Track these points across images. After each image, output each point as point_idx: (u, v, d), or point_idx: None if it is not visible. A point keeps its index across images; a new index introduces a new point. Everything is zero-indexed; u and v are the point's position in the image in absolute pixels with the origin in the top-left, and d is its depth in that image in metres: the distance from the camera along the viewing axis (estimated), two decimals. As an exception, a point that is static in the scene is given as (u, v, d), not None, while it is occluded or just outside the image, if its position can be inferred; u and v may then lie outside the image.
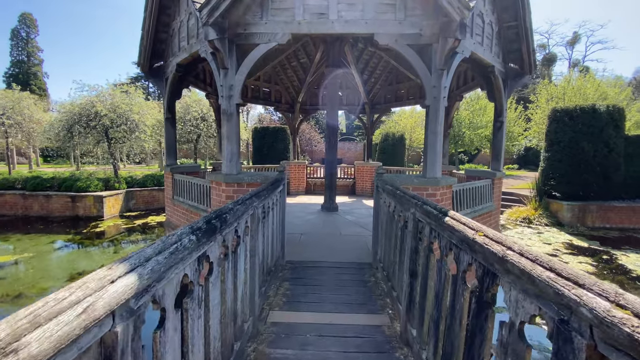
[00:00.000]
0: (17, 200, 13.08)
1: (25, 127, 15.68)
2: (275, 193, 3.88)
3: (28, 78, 43.11)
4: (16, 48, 44.25)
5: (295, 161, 11.90)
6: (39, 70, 45.55)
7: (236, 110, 4.79)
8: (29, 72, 44.08)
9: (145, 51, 6.90)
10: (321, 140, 29.90)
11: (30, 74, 44.00)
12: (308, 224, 7.02)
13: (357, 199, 10.75)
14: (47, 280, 7.09)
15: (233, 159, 4.80)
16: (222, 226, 1.84)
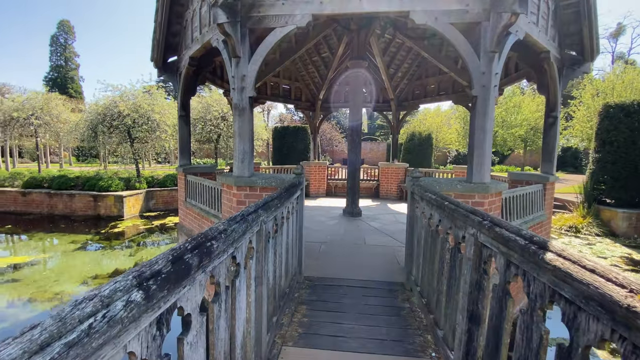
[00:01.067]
0: (43, 198, 13.31)
1: (53, 126, 16.05)
2: (291, 200, 3.27)
3: (66, 82, 45.38)
4: (55, 54, 46.70)
5: (315, 162, 11.29)
6: (76, 74, 47.83)
7: (249, 105, 4.23)
8: (66, 77, 46.36)
9: (158, 45, 6.53)
10: (342, 140, 29.19)
11: (68, 78, 46.28)
12: (329, 231, 6.37)
13: (382, 202, 9.99)
14: (60, 284, 6.87)
15: (245, 160, 4.25)
16: (203, 261, 1.23)
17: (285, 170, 11.47)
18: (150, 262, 1.00)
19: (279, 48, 8.92)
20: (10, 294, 6.26)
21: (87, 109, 14.96)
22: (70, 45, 47.80)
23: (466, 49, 3.85)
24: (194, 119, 16.50)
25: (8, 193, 13.49)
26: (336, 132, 28.41)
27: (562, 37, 5.69)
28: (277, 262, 2.75)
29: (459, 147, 23.70)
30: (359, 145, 7.58)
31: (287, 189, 3.05)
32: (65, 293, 6.51)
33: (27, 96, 16.15)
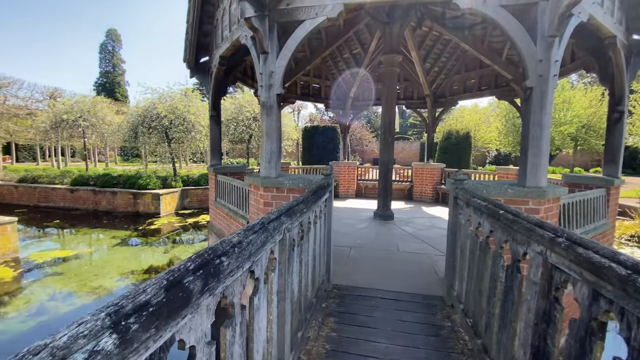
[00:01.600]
0: (88, 195, 14.21)
1: (99, 128, 17.12)
2: (319, 203, 3.02)
3: (113, 87, 48.73)
4: (104, 60, 50.26)
5: (345, 162, 10.99)
6: (122, 79, 51.22)
7: (277, 103, 4.04)
8: (114, 82, 49.76)
9: (190, 45, 6.58)
10: (373, 139, 28.58)
11: (115, 83, 49.66)
12: (359, 235, 6.06)
13: (415, 205, 9.47)
14: (99, 279, 7.16)
15: (272, 160, 4.07)
16: (209, 284, 1.01)
17: (314, 171, 11.28)
18: (136, 290, 0.79)
19: (309, 45, 8.75)
20: (53, 287, 6.61)
21: (129, 111, 15.79)
22: (117, 52, 51.21)
23: (520, 34, 3.38)
24: (227, 120, 16.86)
25: (58, 190, 14.56)
26: (366, 132, 27.85)
27: (629, 20, 4.95)
28: (302, 271, 2.52)
29: (500, 146, 22.23)
30: (392, 145, 7.18)
31: (314, 192, 2.80)
32: (103, 287, 6.76)
33: (76, 99, 17.38)
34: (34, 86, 20.11)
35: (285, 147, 18.00)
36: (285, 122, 17.69)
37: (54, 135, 17.16)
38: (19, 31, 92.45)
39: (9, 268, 7.18)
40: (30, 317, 5.59)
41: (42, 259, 8.02)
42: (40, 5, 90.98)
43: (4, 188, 15.57)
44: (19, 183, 15.56)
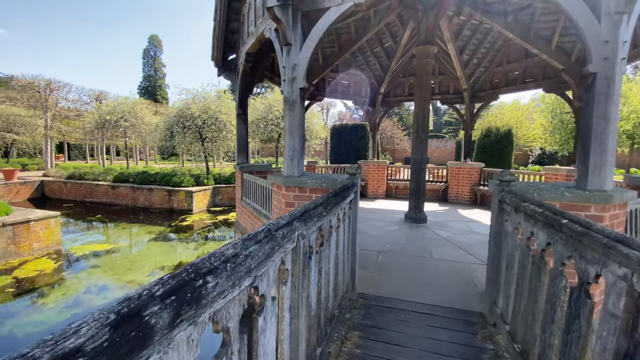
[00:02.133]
0: (128, 192, 14.97)
1: (138, 128, 18.02)
2: (342, 205, 2.75)
3: (155, 90, 51.55)
4: (147, 65, 53.31)
5: (374, 160, 10.59)
6: (163, 82, 54.04)
7: (300, 97, 3.82)
8: (155, 85, 52.63)
9: (217, 43, 6.57)
10: (404, 137, 27.64)
11: (157, 86, 52.51)
12: (388, 238, 5.70)
13: (450, 207, 8.87)
14: (132, 273, 7.40)
15: (295, 158, 3.86)
16: (184, 314, 0.79)
17: (341, 170, 10.99)
18: (64, 330, 0.58)
19: (338, 40, 8.47)
20: (89, 280, 6.91)
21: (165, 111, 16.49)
22: (158, 57, 54.08)
23: (580, 10, 2.88)
24: (257, 119, 17.04)
25: (101, 186, 15.49)
26: (397, 129, 26.98)
27: None
28: (322, 281, 2.27)
29: (545, 144, 20.51)
30: (425, 143, 6.72)
31: (337, 193, 2.54)
32: (135, 282, 6.96)
33: (118, 101, 18.44)
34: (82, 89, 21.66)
35: (313, 145, 17.85)
36: (313, 121, 17.55)
37: (99, 134, 18.34)
38: (75, 39, 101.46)
39: (51, 260, 7.65)
40: (66, 308, 5.85)
41: (82, 252, 8.47)
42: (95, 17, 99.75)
43: (55, 184, 16.86)
44: (68, 180, 16.77)
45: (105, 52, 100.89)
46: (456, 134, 44.16)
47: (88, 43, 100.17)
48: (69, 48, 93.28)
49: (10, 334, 4.93)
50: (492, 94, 9.37)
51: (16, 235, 7.50)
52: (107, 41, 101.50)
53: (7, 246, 7.36)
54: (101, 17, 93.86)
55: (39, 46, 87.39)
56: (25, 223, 7.65)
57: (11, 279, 6.63)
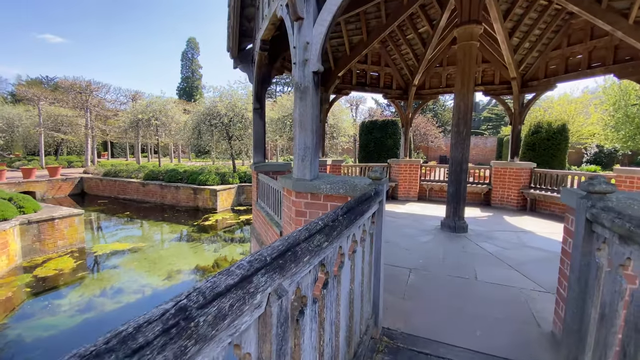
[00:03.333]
0: (157, 189, 15.17)
1: (168, 126, 18.32)
2: (361, 223, 2.03)
3: (192, 90, 53.50)
4: (185, 67, 55.53)
5: (406, 159, 9.65)
6: (199, 83, 55.95)
7: (313, 83, 3.13)
8: (192, 86, 54.63)
9: (232, 32, 6.06)
10: (439, 134, 26.00)
11: (194, 87, 54.48)
12: (422, 251, 4.86)
13: (495, 213, 7.75)
14: (148, 276, 7.16)
15: (307, 157, 3.18)
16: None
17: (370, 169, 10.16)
18: None
19: (366, 25, 7.66)
20: (106, 282, 6.74)
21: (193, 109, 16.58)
22: (195, 59, 56.06)
23: None
24: (284, 116, 16.61)
25: (132, 184, 15.86)
26: (432, 126, 25.41)
27: None
28: (326, 338, 1.57)
29: (605, 141, 18.13)
30: (467, 139, 5.76)
31: (351, 208, 1.83)
32: (149, 287, 6.69)
33: (150, 100, 18.88)
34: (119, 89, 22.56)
35: (340, 143, 17.12)
36: (342, 117, 16.79)
37: (133, 133, 18.90)
38: (122, 42, 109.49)
39: (72, 259, 7.63)
40: (79, 312, 5.64)
41: (103, 251, 8.44)
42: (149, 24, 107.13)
43: (92, 181, 17.59)
44: (104, 177, 17.41)
45: (151, 56, 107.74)
46: (496, 130, 41.20)
47: (134, 46, 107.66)
48: (121, 52, 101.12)
49: (18, 339, 4.76)
50: (547, 83, 8.07)
51: (41, 232, 7.57)
52: (151, 45, 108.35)
53: (32, 243, 7.43)
54: (148, 23, 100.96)
55: (94, 53, 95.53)
56: (50, 221, 7.70)
57: (31, 277, 6.62)
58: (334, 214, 1.62)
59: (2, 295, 5.77)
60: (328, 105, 9.04)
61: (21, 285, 6.25)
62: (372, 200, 2.33)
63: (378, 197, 2.49)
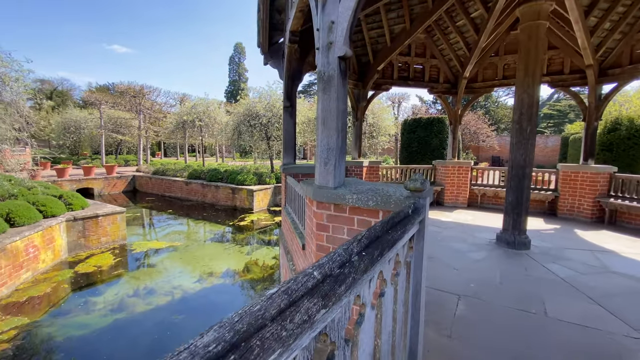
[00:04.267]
0: (198, 188, 15.62)
1: (211, 127, 18.88)
2: (391, 255, 1.46)
3: (238, 93, 55.76)
4: (232, 71, 58.05)
5: (454, 161, 8.66)
6: (245, 86, 58.04)
7: (339, 71, 2.58)
8: (239, 88, 56.90)
9: (263, 25, 5.71)
10: (492, 133, 23.80)
11: (240, 90, 56.75)
12: (473, 272, 4.07)
13: (563, 225, 6.55)
14: (181, 277, 7.13)
15: (330, 161, 2.65)
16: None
17: (411, 172, 9.31)
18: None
19: (409, 12, 6.91)
20: (139, 282, 6.80)
21: (233, 111, 16.87)
22: (242, 62, 58.28)
23: None
24: (321, 115, 16.19)
25: (177, 182, 16.53)
26: (484, 124, 23.34)
27: None
28: None
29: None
30: (532, 138, 4.81)
31: (373, 240, 1.27)
32: (180, 288, 6.63)
33: (194, 102, 19.60)
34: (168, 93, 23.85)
35: (380, 143, 16.26)
36: (382, 116, 15.94)
37: (179, 134, 19.80)
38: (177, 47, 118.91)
39: (112, 255, 7.89)
40: (111, 312, 5.69)
41: (141, 248, 8.66)
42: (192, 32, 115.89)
43: (142, 179, 18.70)
44: (153, 175, 18.41)
45: (204, 61, 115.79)
46: (558, 129, 37.06)
47: (189, 52, 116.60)
48: (177, 58, 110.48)
49: (48, 337, 4.84)
50: (633, 70, 6.66)
51: (86, 229, 7.94)
52: (204, 50, 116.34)
53: (77, 239, 7.82)
54: (203, 30, 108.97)
55: (154, 60, 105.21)
56: (94, 218, 8.06)
57: (72, 273, 6.91)
58: (346, 252, 1.07)
59: (42, 290, 6.04)
60: (366, 103, 8.41)
61: (62, 281, 6.53)
62: (410, 220, 1.74)
63: (418, 216, 1.88)
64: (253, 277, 7.17)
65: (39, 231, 6.60)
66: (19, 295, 5.75)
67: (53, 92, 43.97)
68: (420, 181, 1.99)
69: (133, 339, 4.87)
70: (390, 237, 1.41)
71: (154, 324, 5.28)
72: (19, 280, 6.07)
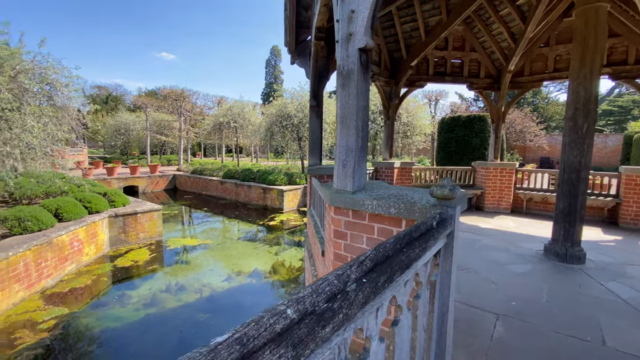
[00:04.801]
0: (232, 187, 16.04)
1: (245, 129, 19.35)
2: (408, 276, 1.23)
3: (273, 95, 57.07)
4: (268, 73, 59.57)
5: (496, 162, 7.99)
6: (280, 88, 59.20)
7: (360, 64, 2.36)
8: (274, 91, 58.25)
9: (289, 23, 5.60)
10: (540, 132, 21.93)
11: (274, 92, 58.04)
12: (514, 288, 3.63)
13: (627, 237, 5.72)
14: (211, 275, 7.27)
15: (349, 163, 2.43)
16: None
17: (449, 173, 8.74)
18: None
19: (446, 3, 6.46)
20: (171, 278, 7.03)
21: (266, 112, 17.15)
22: (278, 65, 59.45)
23: None
24: (353, 115, 15.89)
25: (213, 181, 17.13)
26: (531, 122, 21.57)
27: None
28: None
29: None
30: (589, 138, 4.21)
31: (380, 263, 1.05)
32: (209, 286, 6.75)
33: (230, 105, 20.19)
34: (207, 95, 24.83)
35: (415, 143, 15.59)
36: (418, 115, 15.27)
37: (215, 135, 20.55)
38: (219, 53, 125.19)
39: (148, 251, 8.27)
40: (144, 306, 5.91)
41: (175, 245, 9.00)
42: None
43: (182, 178, 19.63)
44: (192, 174, 19.25)
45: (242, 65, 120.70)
46: (619, 127, 33.33)
47: (228, 57, 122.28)
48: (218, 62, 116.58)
49: (85, 328, 5.11)
50: None
51: (126, 225, 8.40)
52: (243, 54, 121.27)
53: (118, 235, 8.29)
54: (240, 35, 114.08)
55: (196, 65, 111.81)
56: (133, 215, 8.51)
57: (111, 266, 7.32)
58: (339, 279, 0.86)
59: (83, 282, 6.44)
60: (398, 100, 8.02)
61: (102, 273, 6.94)
62: (433, 234, 1.48)
63: (444, 228, 1.61)
64: (279, 279, 7.13)
65: (83, 226, 7.07)
66: (63, 286, 6.18)
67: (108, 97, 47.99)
68: (449, 187, 1.72)
69: (161, 336, 5.00)
70: (404, 256, 1.17)
71: (182, 321, 5.39)
72: (63, 272, 6.54)
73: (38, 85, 6.66)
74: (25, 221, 5.96)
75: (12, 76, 6.34)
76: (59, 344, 4.60)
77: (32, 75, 6.72)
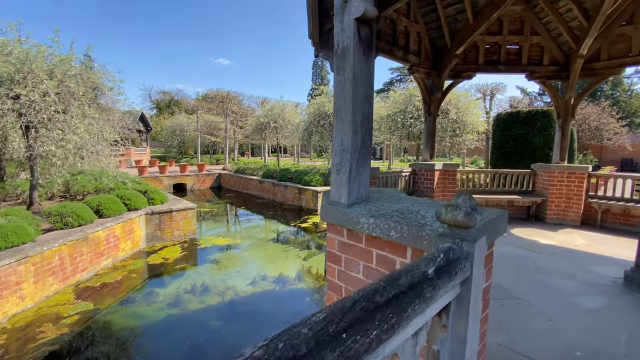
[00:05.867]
0: (270, 187, 16.10)
1: (285, 129, 19.42)
2: None
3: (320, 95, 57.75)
4: (315, 74, 60.40)
5: (562, 165, 6.73)
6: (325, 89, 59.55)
7: (357, 39, 1.82)
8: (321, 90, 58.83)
9: (312, 12, 5.14)
10: (622, 129, 18.76)
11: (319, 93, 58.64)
12: (580, 329, 2.77)
13: None
14: (237, 278, 7.11)
15: (343, 168, 1.91)
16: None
17: (502, 177, 7.61)
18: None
19: (499, -23, 5.48)
20: (197, 278, 6.99)
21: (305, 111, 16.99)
22: (324, 66, 59.80)
23: None
24: (394, 113, 14.98)
25: (253, 180, 17.40)
26: (609, 117, 18.55)
27: None
28: None
29: None
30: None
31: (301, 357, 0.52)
32: (233, 290, 6.59)
33: (271, 105, 20.38)
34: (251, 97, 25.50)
35: (465, 143, 14.15)
36: (469, 110, 13.84)
37: (257, 135, 20.94)
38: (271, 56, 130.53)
39: (180, 248, 8.43)
40: (168, 306, 5.91)
41: (206, 244, 9.07)
42: None
43: (226, 176, 20.30)
44: (235, 173, 19.81)
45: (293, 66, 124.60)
46: None
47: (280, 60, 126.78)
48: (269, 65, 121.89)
49: (106, 326, 5.19)
50: None
51: (162, 222, 8.67)
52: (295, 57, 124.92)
53: (154, 231, 8.58)
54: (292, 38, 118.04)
55: (250, 69, 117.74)
56: (168, 213, 8.76)
57: (144, 263, 7.54)
58: None
59: (115, 278, 6.67)
60: (441, 94, 7.15)
61: (134, 269, 7.15)
62: (436, 284, 0.91)
63: (453, 276, 1.02)
64: (303, 287, 6.73)
65: (119, 222, 7.38)
66: (95, 281, 6.46)
67: (171, 102, 52.19)
68: (465, 209, 1.12)
69: (176, 341, 4.88)
70: (353, 343, 0.64)
71: (197, 327, 5.26)
72: (99, 266, 6.85)
73: (84, 89, 7.04)
74: (66, 217, 6.34)
75: (61, 80, 6.78)
76: (77, 340, 4.71)
77: (79, 80, 7.14)
